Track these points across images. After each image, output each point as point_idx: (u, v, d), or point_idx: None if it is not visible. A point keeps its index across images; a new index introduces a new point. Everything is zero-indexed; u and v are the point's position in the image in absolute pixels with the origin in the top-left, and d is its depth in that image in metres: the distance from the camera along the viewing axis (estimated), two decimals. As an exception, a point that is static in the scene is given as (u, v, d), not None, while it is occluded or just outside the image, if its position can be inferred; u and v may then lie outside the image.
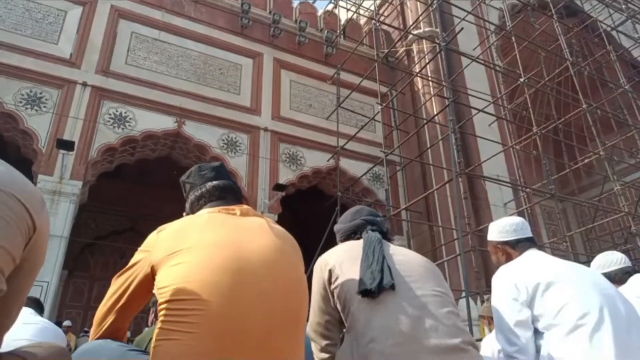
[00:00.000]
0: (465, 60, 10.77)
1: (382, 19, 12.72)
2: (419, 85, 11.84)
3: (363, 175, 10.58)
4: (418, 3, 12.24)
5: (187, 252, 1.09)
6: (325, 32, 12.05)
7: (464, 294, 6.81)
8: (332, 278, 1.39)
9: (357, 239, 1.56)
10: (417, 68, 11.49)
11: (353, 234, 1.60)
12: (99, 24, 9.25)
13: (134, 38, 9.62)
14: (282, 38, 11.42)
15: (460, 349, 1.21)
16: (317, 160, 10.53)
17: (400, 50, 12.64)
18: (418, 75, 11.08)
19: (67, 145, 7.58)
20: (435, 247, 9.66)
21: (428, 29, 12.03)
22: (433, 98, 10.71)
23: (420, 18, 11.54)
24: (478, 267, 8.44)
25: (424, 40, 11.81)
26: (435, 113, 9.99)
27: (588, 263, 2.82)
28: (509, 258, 1.90)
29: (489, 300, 2.41)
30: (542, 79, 11.17)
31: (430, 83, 11.31)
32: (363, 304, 1.27)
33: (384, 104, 9.82)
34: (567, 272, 1.68)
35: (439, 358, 1.17)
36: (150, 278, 1.14)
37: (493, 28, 12.23)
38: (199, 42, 10.31)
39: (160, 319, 1.04)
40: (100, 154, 8.33)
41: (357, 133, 10.22)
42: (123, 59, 9.30)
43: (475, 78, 11.58)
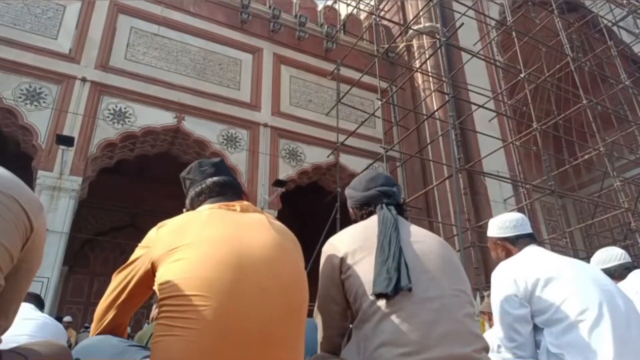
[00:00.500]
0: (466, 56, 10.75)
1: (382, 14, 12.70)
2: (419, 81, 11.83)
3: (363, 171, 10.55)
4: (418, -2, 12.21)
5: (187, 248, 1.09)
6: (325, 27, 12.01)
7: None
8: (343, 267, 1.33)
9: (369, 212, 1.50)
10: (417, 63, 11.47)
11: (366, 206, 1.52)
12: (98, 19, 9.22)
13: (133, 33, 9.59)
14: (281, 33, 11.38)
15: (472, 358, 1.19)
16: (317, 156, 10.53)
17: (401, 46, 12.60)
18: (418, 71, 11.07)
19: (66, 141, 7.56)
20: (435, 242, 9.64)
21: (428, 24, 12.01)
22: (433, 94, 10.69)
23: (421, 13, 11.52)
24: (478, 263, 8.45)
25: (424, 36, 11.79)
26: (436, 109, 9.98)
27: (587, 259, 2.83)
28: (509, 254, 1.89)
29: (489, 296, 2.41)
30: (542, 75, 11.14)
31: (431, 79, 11.29)
32: (375, 304, 1.23)
33: (384, 100, 9.81)
34: (566, 268, 1.67)
35: None
36: (151, 274, 1.14)
37: (494, 23, 12.20)
38: (199, 37, 10.28)
39: (161, 315, 1.04)
40: (100, 150, 8.32)
41: (357, 129, 10.20)
42: (122, 54, 9.27)
43: (476, 74, 11.57)
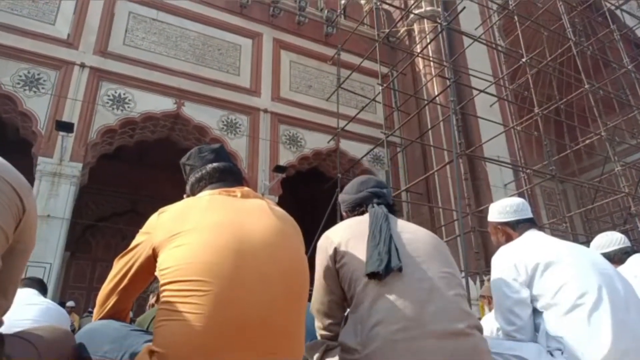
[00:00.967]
0: (467, 40, 10.65)
1: (383, -2, 12.52)
2: (420, 66, 11.73)
3: (363, 157, 10.55)
4: (420, -19, 12.04)
5: (188, 233, 1.09)
6: (326, 11, 11.88)
7: (464, 274, 6.87)
8: (337, 257, 1.38)
9: (361, 212, 1.55)
10: (418, 48, 11.36)
11: (358, 207, 1.58)
12: (96, 4, 9.11)
13: (132, 18, 9.48)
14: (281, 18, 11.26)
15: (465, 334, 1.22)
16: (317, 142, 10.50)
17: (402, 30, 12.47)
18: (419, 56, 10.97)
19: (66, 127, 7.54)
20: (435, 228, 9.69)
21: (430, 9, 11.88)
22: (434, 79, 10.61)
23: (422, -3, 11.37)
24: (478, 247, 8.49)
25: (426, 20, 11.66)
26: (437, 94, 9.92)
27: (587, 243, 2.83)
28: (509, 239, 1.90)
29: (489, 280, 2.43)
30: (544, 59, 11.05)
31: (432, 63, 11.20)
32: (369, 286, 1.27)
33: (385, 85, 9.74)
34: (566, 252, 1.68)
35: (443, 343, 1.18)
36: (152, 260, 1.14)
37: (495, 7, 12.05)
38: (198, 22, 10.17)
39: (163, 300, 1.05)
40: (100, 136, 8.30)
41: (357, 114, 10.14)
42: (121, 40, 9.19)
43: (477, 58, 11.47)
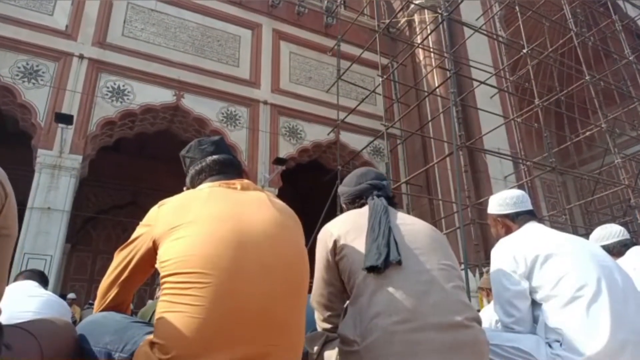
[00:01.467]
0: (468, 31, 10.58)
1: (383, -11, 12.43)
2: (420, 57, 11.67)
3: (363, 149, 10.54)
4: (420, -29, 11.94)
5: (188, 226, 1.09)
6: (325, 1, 11.80)
7: (463, 267, 6.89)
8: (336, 249, 1.38)
9: (361, 204, 1.56)
10: (418, 39, 11.30)
11: (358, 199, 1.59)
12: (94, -6, 9.05)
13: (130, 9, 9.42)
14: (281, 8, 11.18)
15: (464, 326, 1.23)
16: (317, 134, 10.48)
17: (402, 21, 12.39)
18: (419, 47, 10.91)
19: (65, 119, 7.52)
20: (435, 220, 9.71)
21: (430, -2, 11.79)
22: (434, 70, 10.56)
23: (423, -13, 11.29)
24: (477, 239, 8.51)
25: (426, 11, 11.58)
26: (437, 85, 9.87)
27: (587, 236, 2.84)
28: (509, 231, 1.90)
29: (488, 272, 2.44)
30: (545, 50, 10.99)
31: (432, 55, 11.14)
32: (368, 278, 1.27)
33: (385, 77, 9.70)
34: (565, 244, 1.68)
35: (442, 335, 1.19)
36: (152, 252, 1.15)
37: (497, -3, 11.97)
38: (197, 12, 10.09)
39: (163, 292, 1.05)
40: (100, 128, 8.28)
41: (357, 106, 10.10)
42: (119, 31, 9.13)
43: (478, 49, 11.41)
